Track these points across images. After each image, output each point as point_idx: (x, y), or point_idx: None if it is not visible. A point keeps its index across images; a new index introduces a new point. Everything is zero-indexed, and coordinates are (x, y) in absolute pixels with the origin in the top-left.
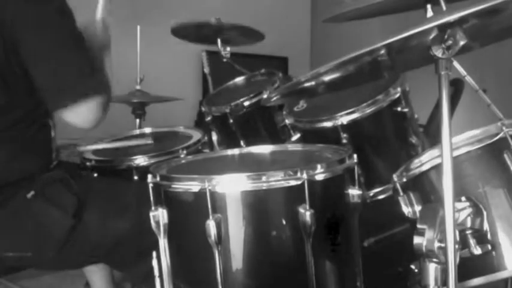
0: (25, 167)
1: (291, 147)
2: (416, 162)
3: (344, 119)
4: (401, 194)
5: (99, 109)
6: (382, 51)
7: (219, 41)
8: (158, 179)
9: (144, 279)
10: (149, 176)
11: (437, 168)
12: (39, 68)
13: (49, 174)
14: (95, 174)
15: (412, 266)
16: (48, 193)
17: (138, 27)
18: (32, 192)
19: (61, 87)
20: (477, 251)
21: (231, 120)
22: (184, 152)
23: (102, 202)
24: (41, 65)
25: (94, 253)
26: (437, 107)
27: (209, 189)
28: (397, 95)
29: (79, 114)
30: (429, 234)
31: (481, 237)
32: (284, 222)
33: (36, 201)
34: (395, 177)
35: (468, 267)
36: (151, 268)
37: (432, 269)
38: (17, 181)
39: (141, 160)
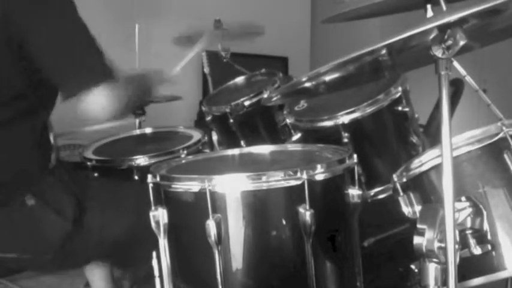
0: (23, 167)
1: (291, 147)
2: (416, 162)
3: (345, 118)
4: (401, 194)
5: (115, 97)
6: (383, 51)
7: None
8: (158, 179)
9: (144, 279)
10: (149, 176)
11: (437, 168)
12: (53, 56)
13: (48, 177)
14: (96, 174)
15: (412, 266)
16: (46, 197)
17: (137, 25)
18: (30, 196)
19: (82, 71)
20: (477, 251)
21: (231, 120)
22: (185, 152)
23: (101, 202)
24: (55, 53)
25: (93, 253)
26: (438, 107)
27: (209, 189)
28: (398, 95)
29: (98, 100)
30: (429, 234)
31: (481, 237)
32: (284, 222)
33: (34, 205)
34: (395, 177)
35: (468, 267)
36: (151, 268)
37: (432, 269)
38: (15, 181)
39: (141, 160)
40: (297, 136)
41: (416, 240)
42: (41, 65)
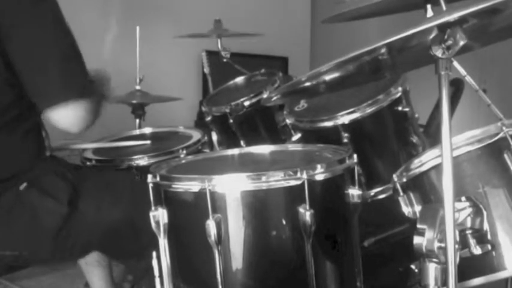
0: (17, 164)
1: (291, 147)
2: (416, 162)
3: (345, 118)
4: (401, 194)
5: (87, 113)
6: (383, 51)
7: (219, 41)
8: (158, 179)
9: (143, 275)
10: (149, 176)
11: (437, 168)
12: (29, 66)
13: (42, 165)
14: None
15: (412, 266)
16: (41, 183)
17: (138, 27)
18: (25, 184)
19: (53, 86)
20: (477, 251)
21: (231, 120)
22: (184, 152)
23: (96, 190)
24: (31, 63)
25: (89, 242)
26: (438, 107)
27: (209, 189)
28: (398, 95)
29: (67, 115)
30: (429, 234)
31: (481, 237)
32: (284, 222)
33: (30, 192)
34: (395, 177)
35: (468, 267)
36: (151, 265)
37: (432, 269)
38: (9, 177)
39: (141, 160)
40: (296, 136)
41: (416, 240)
42: (17, 72)
